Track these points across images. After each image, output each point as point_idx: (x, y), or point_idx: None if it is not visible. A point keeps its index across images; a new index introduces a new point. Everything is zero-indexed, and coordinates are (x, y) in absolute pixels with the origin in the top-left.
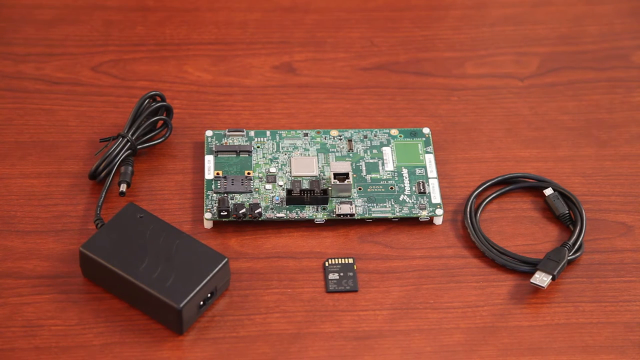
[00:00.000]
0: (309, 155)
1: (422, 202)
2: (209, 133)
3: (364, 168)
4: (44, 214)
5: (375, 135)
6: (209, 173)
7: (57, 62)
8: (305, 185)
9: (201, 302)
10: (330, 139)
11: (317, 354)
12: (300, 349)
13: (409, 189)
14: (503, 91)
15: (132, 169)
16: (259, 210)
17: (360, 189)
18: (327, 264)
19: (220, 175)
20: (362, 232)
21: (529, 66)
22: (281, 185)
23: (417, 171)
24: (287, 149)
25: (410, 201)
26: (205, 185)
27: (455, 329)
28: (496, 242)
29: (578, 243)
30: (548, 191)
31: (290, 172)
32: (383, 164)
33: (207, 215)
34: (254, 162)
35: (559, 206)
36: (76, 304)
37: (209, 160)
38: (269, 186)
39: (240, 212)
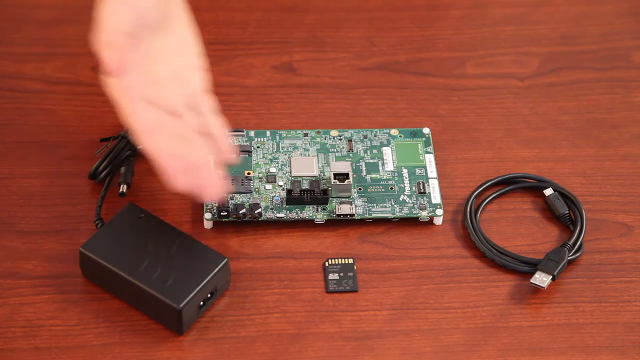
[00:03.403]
0: (309, 155)
1: (422, 202)
2: None
3: (364, 168)
4: (44, 214)
5: (375, 135)
6: None
7: (57, 62)
8: (305, 185)
9: (201, 302)
10: (330, 139)
11: (317, 354)
12: (300, 349)
13: (409, 189)
14: (503, 91)
15: (132, 169)
16: (259, 210)
17: (360, 189)
18: (327, 264)
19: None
20: (362, 232)
21: (529, 66)
22: (281, 186)
23: (417, 171)
24: (287, 149)
25: (410, 201)
26: None
27: (455, 329)
28: (496, 242)
29: (578, 243)
30: (548, 191)
31: (290, 172)
32: (383, 164)
33: (207, 215)
34: (254, 162)
35: (559, 206)
36: (76, 304)
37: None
38: (269, 186)
39: (240, 212)
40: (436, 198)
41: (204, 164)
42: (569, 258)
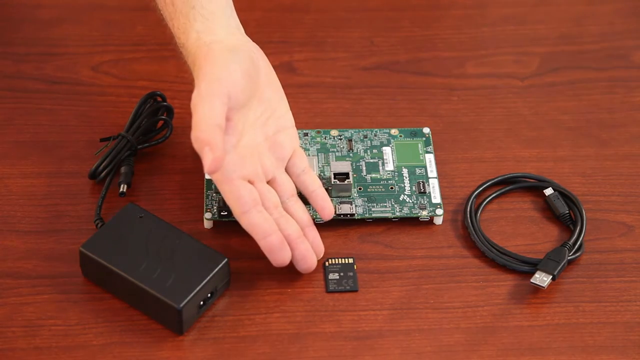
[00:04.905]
0: (309, 155)
1: (422, 202)
2: None
3: (364, 168)
4: (44, 214)
5: (375, 135)
6: None
7: (57, 62)
8: None
9: (201, 302)
10: (330, 139)
11: (317, 354)
12: (300, 349)
13: (409, 188)
14: (503, 91)
15: (132, 169)
16: None
17: (360, 189)
18: (327, 264)
19: None
20: (362, 232)
21: (529, 66)
22: None
23: (417, 171)
24: None
25: (410, 201)
26: (205, 185)
27: (455, 329)
28: (496, 242)
29: (578, 243)
30: (548, 191)
31: None
32: (383, 164)
33: (207, 215)
34: None
35: (559, 206)
36: (76, 304)
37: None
38: None
39: None
40: (436, 198)
41: (300, 237)
42: (569, 258)
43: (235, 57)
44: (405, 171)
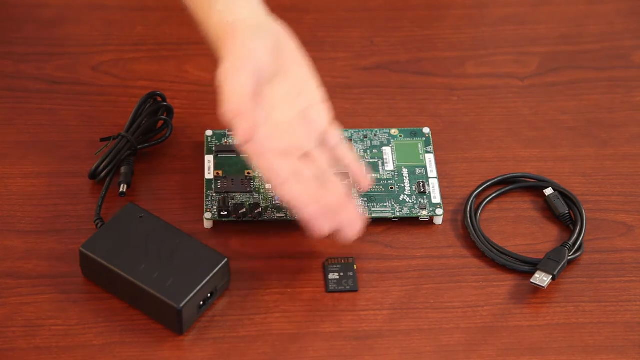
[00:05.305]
0: None
1: (422, 202)
2: (209, 133)
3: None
4: (44, 214)
5: (375, 135)
6: (209, 173)
7: (57, 62)
8: None
9: (201, 302)
10: None
11: (317, 354)
12: (300, 349)
13: (409, 188)
14: (503, 91)
15: (132, 169)
16: (259, 210)
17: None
18: (327, 263)
19: (221, 175)
20: (362, 232)
21: (529, 66)
22: None
23: (417, 171)
24: None
25: (411, 201)
26: (205, 185)
27: (455, 329)
28: (496, 242)
29: (578, 243)
30: (548, 191)
31: None
32: (383, 164)
33: (207, 215)
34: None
35: (559, 206)
36: (76, 304)
37: (209, 160)
38: (269, 186)
39: (240, 212)
40: (436, 198)
41: (342, 203)
42: (569, 258)
43: (259, 34)
44: (405, 171)
